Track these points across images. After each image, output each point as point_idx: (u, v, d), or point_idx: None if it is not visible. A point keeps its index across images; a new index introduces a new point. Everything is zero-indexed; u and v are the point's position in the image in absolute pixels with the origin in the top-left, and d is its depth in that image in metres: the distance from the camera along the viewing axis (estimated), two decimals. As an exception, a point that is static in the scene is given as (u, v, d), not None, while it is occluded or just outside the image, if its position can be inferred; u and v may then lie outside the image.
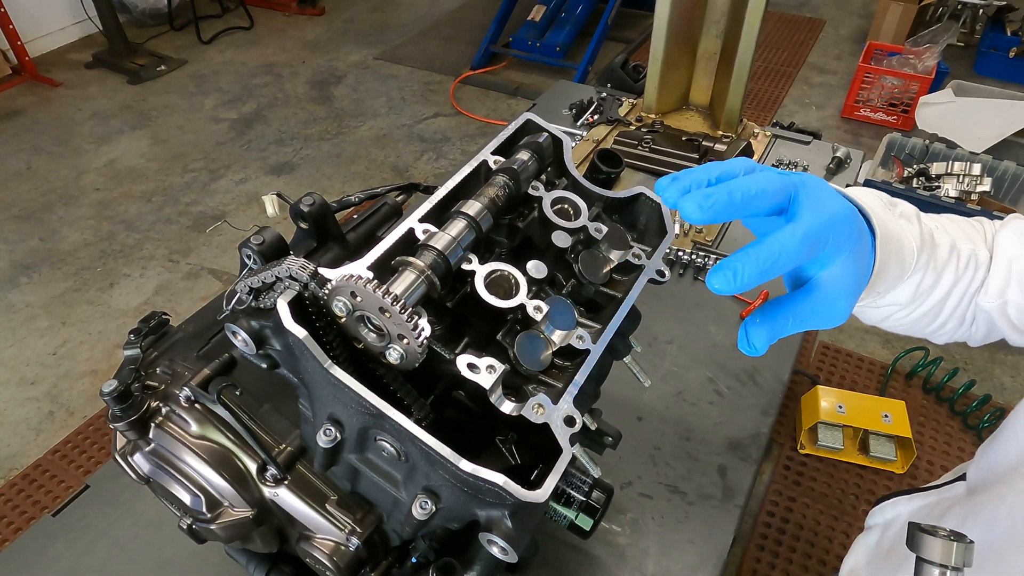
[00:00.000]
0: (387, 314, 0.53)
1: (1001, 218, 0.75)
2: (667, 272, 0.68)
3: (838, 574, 0.91)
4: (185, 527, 0.74)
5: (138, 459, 0.73)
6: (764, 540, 2.16)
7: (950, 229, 0.74)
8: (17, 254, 3.32)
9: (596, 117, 1.94)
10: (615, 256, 0.68)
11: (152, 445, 0.72)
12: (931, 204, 2.97)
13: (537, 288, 0.64)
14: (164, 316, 0.80)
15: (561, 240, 0.66)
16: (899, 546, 0.79)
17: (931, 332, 0.77)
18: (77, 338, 2.90)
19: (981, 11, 4.78)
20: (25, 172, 3.86)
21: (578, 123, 1.96)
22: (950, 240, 0.71)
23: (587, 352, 0.60)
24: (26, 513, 2.26)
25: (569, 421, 0.55)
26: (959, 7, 4.80)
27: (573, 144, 1.82)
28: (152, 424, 0.72)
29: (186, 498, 0.71)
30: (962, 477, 0.80)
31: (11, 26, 4.44)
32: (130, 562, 1.05)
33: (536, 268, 0.62)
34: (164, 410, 0.72)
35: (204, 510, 0.71)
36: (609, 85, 2.32)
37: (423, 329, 0.54)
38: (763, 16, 1.58)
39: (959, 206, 2.95)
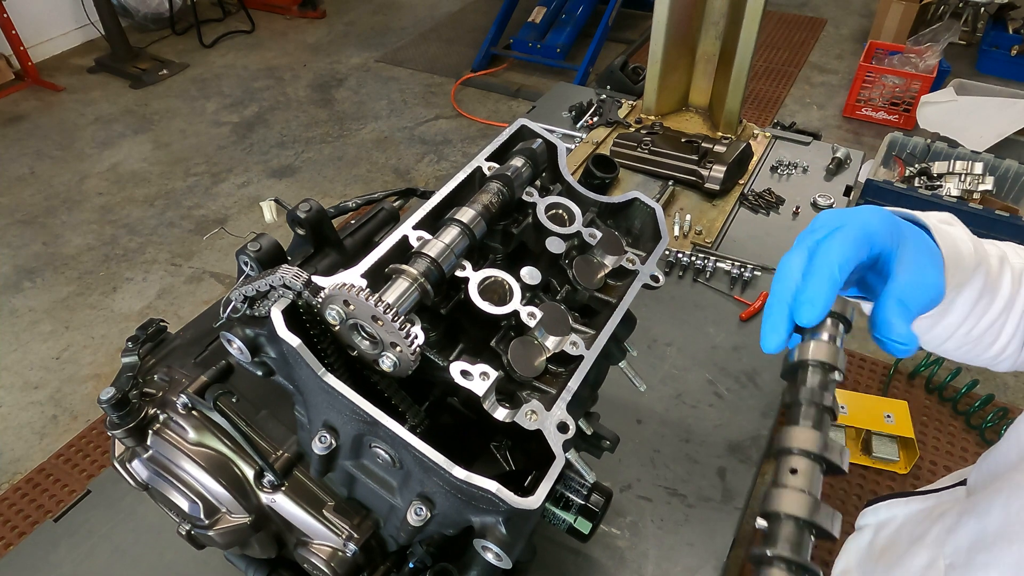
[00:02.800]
0: (380, 322, 0.53)
1: (1006, 218, 0.74)
2: (661, 277, 0.68)
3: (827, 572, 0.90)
4: (184, 533, 0.74)
5: (136, 466, 0.73)
6: (766, 541, 2.16)
7: (999, 244, 0.73)
8: (20, 258, 3.34)
9: (596, 119, 1.94)
10: (609, 261, 0.68)
11: (150, 452, 0.73)
12: (933, 203, 2.96)
13: (531, 294, 0.64)
14: (162, 323, 0.80)
15: (555, 246, 0.66)
16: (894, 547, 0.79)
17: (991, 358, 0.75)
18: (80, 342, 2.92)
19: (983, 9, 4.76)
20: (28, 177, 3.88)
21: (578, 125, 1.96)
22: (998, 251, 0.70)
23: (581, 358, 0.60)
24: (30, 517, 2.26)
25: (562, 427, 0.55)
26: (960, 5, 4.78)
27: (573, 146, 1.82)
28: (150, 431, 0.72)
29: (184, 505, 0.72)
30: (963, 483, 0.80)
31: (14, 31, 4.46)
32: (131, 567, 1.05)
33: (530, 274, 0.62)
34: (162, 417, 0.73)
35: (202, 516, 0.71)
36: (609, 87, 2.32)
37: (416, 337, 0.54)
38: (761, 17, 1.58)
39: (961, 205, 2.94)
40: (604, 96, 2.03)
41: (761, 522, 0.46)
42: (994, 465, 0.72)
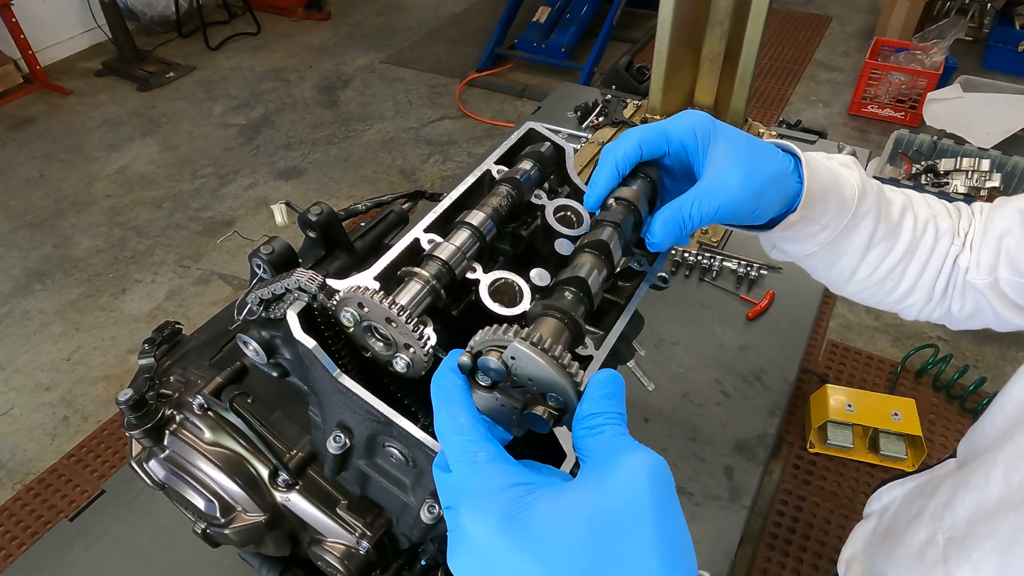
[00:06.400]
0: (393, 324, 0.54)
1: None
2: (669, 278, 0.69)
3: (836, 565, 0.91)
4: (199, 532, 0.75)
5: (153, 466, 0.75)
6: (774, 539, 2.16)
7: (909, 194, 0.77)
8: (31, 261, 3.37)
9: (601, 119, 1.95)
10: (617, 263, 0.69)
11: (167, 452, 0.74)
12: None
13: (540, 295, 0.65)
14: (177, 326, 0.81)
15: (564, 248, 0.67)
16: (894, 527, 0.80)
17: (896, 301, 0.79)
18: (90, 344, 2.94)
19: (989, 5, 4.75)
20: (38, 180, 3.91)
21: (583, 125, 1.97)
22: (904, 199, 0.75)
23: (590, 358, 0.61)
24: (42, 517, 2.29)
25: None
26: (967, 1, 4.77)
27: (578, 146, 1.83)
28: (167, 431, 0.74)
29: (200, 504, 0.73)
30: (953, 455, 0.81)
31: (22, 36, 4.49)
32: (145, 566, 1.07)
33: (539, 276, 0.63)
34: (178, 418, 0.74)
35: (218, 515, 0.72)
36: (614, 87, 2.32)
37: (429, 338, 0.55)
38: (767, 16, 1.58)
39: (968, 202, 2.93)
40: (609, 96, 2.03)
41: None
42: (982, 436, 0.73)
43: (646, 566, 0.38)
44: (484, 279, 0.62)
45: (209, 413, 0.73)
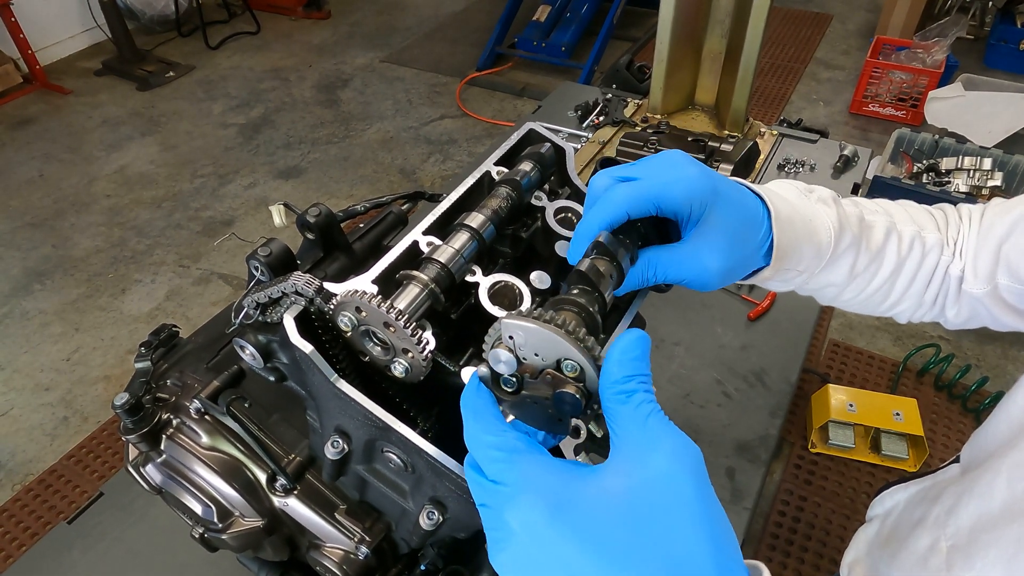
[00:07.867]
0: (391, 329, 0.53)
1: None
2: (671, 280, 0.68)
3: (839, 568, 0.91)
4: (197, 536, 0.75)
5: (150, 470, 0.74)
6: (775, 540, 2.16)
7: (893, 212, 0.77)
8: (31, 261, 3.36)
9: (602, 118, 1.94)
10: (619, 265, 0.68)
11: (164, 456, 0.73)
12: (941, 200, 2.94)
13: (541, 298, 0.64)
14: (174, 328, 0.81)
15: (564, 250, 0.66)
16: (897, 532, 0.79)
17: (886, 311, 0.80)
18: (90, 344, 2.94)
19: (990, 3, 4.73)
20: (37, 180, 3.91)
21: (584, 125, 1.96)
22: (887, 222, 0.74)
23: (591, 361, 0.61)
24: (42, 518, 2.29)
25: (574, 432, 0.55)
26: (968, -1, 4.75)
27: (579, 146, 1.82)
28: (163, 436, 0.73)
29: (197, 508, 0.72)
30: (956, 460, 0.80)
31: (22, 35, 4.49)
32: (144, 569, 1.06)
33: (539, 278, 0.63)
34: (175, 422, 0.73)
35: (215, 520, 0.72)
36: (614, 86, 2.32)
37: (427, 343, 0.54)
38: (768, 15, 1.58)
39: (970, 201, 2.92)
40: (610, 95, 2.02)
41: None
42: (984, 441, 0.72)
43: (701, 559, 0.39)
44: (484, 282, 0.61)
45: (206, 417, 0.73)
